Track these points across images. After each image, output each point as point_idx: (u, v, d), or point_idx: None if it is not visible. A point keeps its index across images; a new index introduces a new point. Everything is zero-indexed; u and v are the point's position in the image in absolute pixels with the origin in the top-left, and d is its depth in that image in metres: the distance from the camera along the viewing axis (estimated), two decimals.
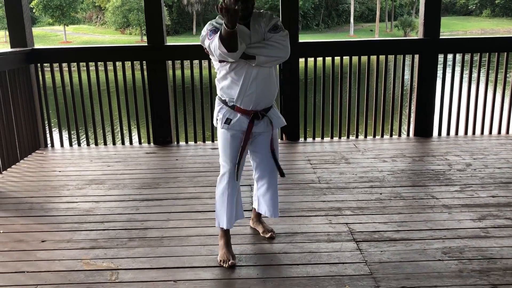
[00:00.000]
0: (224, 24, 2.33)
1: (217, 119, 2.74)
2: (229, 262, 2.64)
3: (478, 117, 5.24)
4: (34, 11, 41.10)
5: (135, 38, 43.08)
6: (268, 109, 2.73)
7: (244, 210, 3.34)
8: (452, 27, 52.28)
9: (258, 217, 3.07)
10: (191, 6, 46.96)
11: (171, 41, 5.88)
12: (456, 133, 5.31)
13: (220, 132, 2.72)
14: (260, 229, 3.01)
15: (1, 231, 3.13)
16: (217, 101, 2.77)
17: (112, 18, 43.59)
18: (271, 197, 2.89)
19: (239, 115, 2.66)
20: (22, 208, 3.52)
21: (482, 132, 5.29)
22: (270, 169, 2.85)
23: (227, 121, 2.67)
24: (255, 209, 3.05)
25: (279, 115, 2.80)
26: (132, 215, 3.35)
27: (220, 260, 2.68)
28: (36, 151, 5.01)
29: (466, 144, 4.92)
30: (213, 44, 2.48)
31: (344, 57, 5.15)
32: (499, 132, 5.27)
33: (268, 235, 2.95)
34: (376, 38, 38.14)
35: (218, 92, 2.74)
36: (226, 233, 2.79)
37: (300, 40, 5.04)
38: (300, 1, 46.78)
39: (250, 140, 2.74)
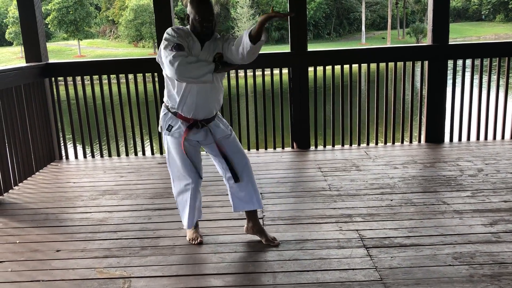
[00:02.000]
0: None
1: (160, 126, 2.96)
2: (198, 240, 3.01)
3: (490, 122, 5.21)
4: (49, 26, 41.97)
5: (148, 51, 43.62)
6: (209, 119, 2.89)
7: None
8: (465, 33, 51.95)
9: (257, 224, 3.05)
10: None
11: None
12: (468, 138, 5.28)
13: (167, 139, 2.95)
14: (263, 239, 3.00)
15: (17, 241, 3.20)
16: (162, 107, 2.97)
17: (125, 32, 44.25)
18: (249, 189, 2.96)
19: (179, 122, 2.85)
20: (37, 219, 3.60)
21: (494, 137, 5.26)
22: (242, 164, 2.93)
23: (169, 128, 2.88)
24: (248, 216, 3.05)
25: (220, 125, 2.94)
26: (145, 224, 3.40)
27: (189, 239, 3.04)
28: (51, 163, 5.10)
29: (478, 150, 4.90)
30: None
31: (353, 65, 5.17)
32: None
33: (274, 244, 2.95)
34: (388, 45, 38.08)
35: (164, 99, 2.94)
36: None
37: (310, 49, 5.08)
38: (311, 11, 47.05)
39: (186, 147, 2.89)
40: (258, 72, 5.16)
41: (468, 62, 5.23)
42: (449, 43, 5.05)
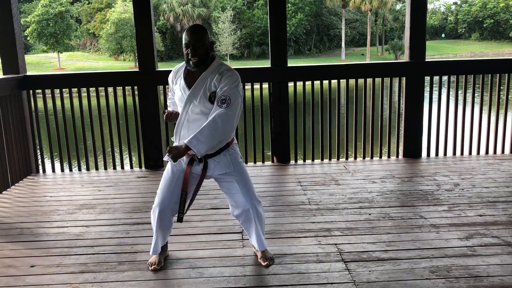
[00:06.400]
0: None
1: None
2: (153, 266, 2.86)
3: (466, 137, 5.32)
4: (28, 38, 41.46)
5: (129, 64, 43.40)
6: (210, 155, 2.72)
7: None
8: (443, 51, 53.19)
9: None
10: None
11: (164, 67, 5.97)
12: (445, 153, 5.37)
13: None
14: (259, 254, 2.96)
15: None
16: None
17: (106, 45, 43.96)
18: (251, 231, 2.90)
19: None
20: (12, 234, 3.52)
21: (470, 153, 5.36)
22: (243, 207, 2.81)
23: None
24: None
25: (221, 161, 2.76)
26: (122, 239, 3.35)
27: (148, 263, 2.90)
28: (28, 177, 5.01)
29: (455, 165, 4.98)
30: None
31: (333, 81, 5.24)
32: (487, 152, 5.35)
33: (264, 263, 2.89)
34: (367, 61, 38.71)
35: None
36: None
37: (290, 65, 5.13)
38: (292, 27, 47.52)
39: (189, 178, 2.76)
40: None
41: (445, 78, 5.34)
42: (426, 60, 5.16)
